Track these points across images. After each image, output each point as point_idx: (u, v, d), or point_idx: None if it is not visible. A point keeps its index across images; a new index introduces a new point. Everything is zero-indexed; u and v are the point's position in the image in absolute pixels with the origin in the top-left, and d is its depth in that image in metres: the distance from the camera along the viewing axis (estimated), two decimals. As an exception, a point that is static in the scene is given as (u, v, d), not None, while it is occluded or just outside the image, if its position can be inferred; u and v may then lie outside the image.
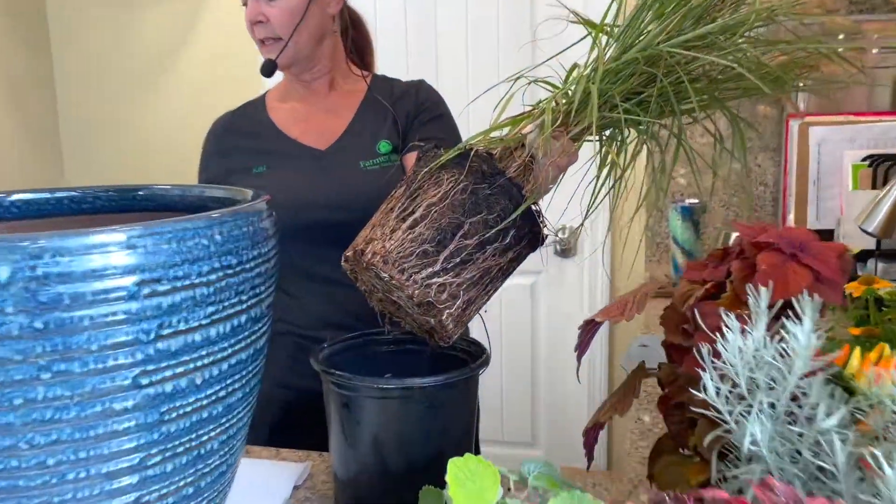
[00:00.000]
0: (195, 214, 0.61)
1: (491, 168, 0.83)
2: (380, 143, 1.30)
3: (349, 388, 0.82)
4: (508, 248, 0.83)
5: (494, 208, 0.82)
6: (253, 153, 1.33)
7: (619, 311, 0.65)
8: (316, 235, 1.24)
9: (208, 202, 0.85)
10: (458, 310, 0.81)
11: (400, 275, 0.79)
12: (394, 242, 0.81)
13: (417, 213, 0.81)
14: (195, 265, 0.60)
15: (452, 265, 0.80)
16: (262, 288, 0.69)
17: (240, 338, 0.67)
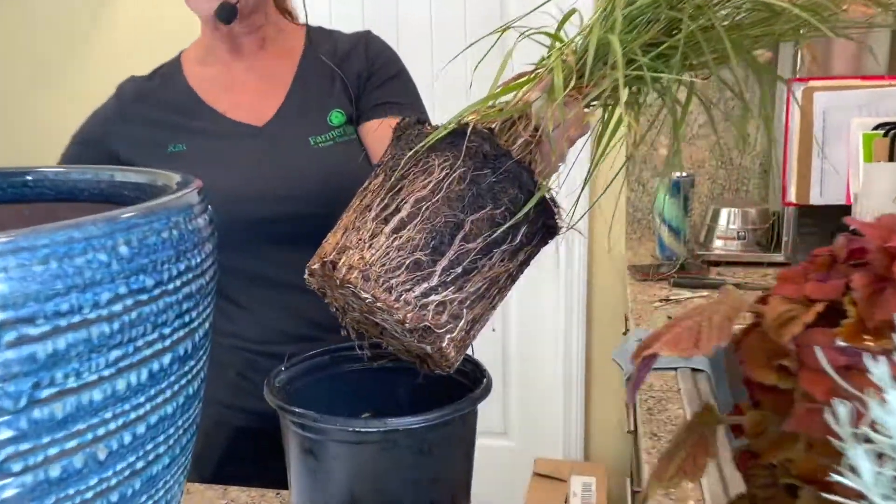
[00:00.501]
0: (88, 217, 0.42)
1: (494, 148, 0.65)
2: (331, 113, 1.07)
3: (315, 430, 0.63)
4: (519, 248, 0.66)
5: (501, 200, 0.64)
6: (167, 127, 1.08)
7: (692, 343, 0.47)
8: (259, 234, 1.02)
9: (124, 189, 0.66)
10: (460, 332, 0.64)
11: (387, 294, 0.61)
12: (375, 252, 0.63)
13: (403, 211, 0.63)
14: (89, 293, 0.41)
15: (453, 277, 0.62)
16: (194, 314, 0.50)
17: (163, 386, 0.48)
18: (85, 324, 0.41)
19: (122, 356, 0.43)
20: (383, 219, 0.63)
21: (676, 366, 1.22)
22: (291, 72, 1.11)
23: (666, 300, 1.60)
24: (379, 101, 1.07)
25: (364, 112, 1.08)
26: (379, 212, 0.64)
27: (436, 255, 0.62)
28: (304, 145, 1.04)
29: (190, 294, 0.49)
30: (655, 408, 1.08)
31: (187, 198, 0.50)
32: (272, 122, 1.07)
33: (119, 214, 0.43)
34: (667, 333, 0.52)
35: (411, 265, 0.62)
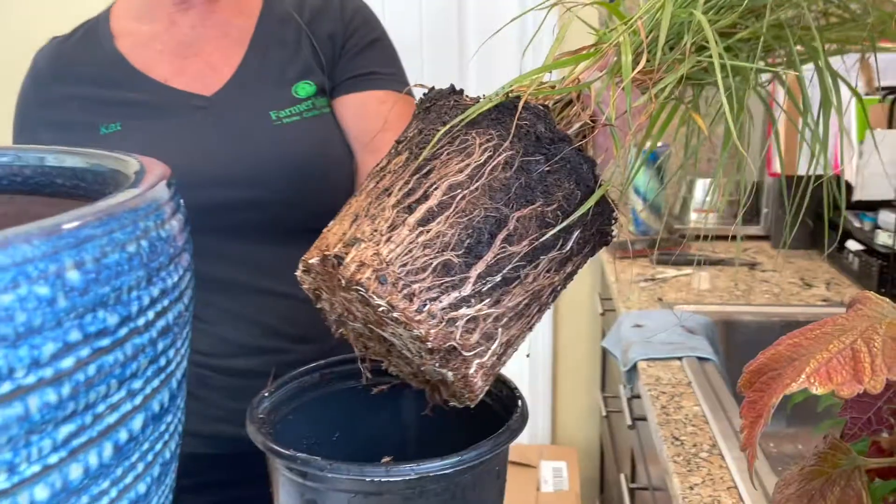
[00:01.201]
0: (15, 231, 0.27)
1: (550, 130, 0.52)
2: (297, 83, 0.89)
3: (319, 479, 0.50)
4: (569, 257, 0.53)
5: (554, 195, 0.52)
6: (96, 104, 0.89)
7: (851, 375, 0.36)
8: (209, 226, 0.84)
9: (57, 178, 0.51)
10: (492, 357, 0.51)
11: (406, 303, 0.48)
12: (395, 248, 0.50)
13: (433, 199, 0.50)
14: (23, 347, 0.27)
15: (490, 287, 0.50)
16: (171, 353, 0.36)
17: (133, 460, 0.34)
18: (18, 394, 0.27)
19: (77, 431, 0.30)
20: (407, 206, 0.50)
21: (681, 354, 1.12)
22: (248, 32, 0.92)
23: (652, 279, 1.51)
24: (359, 72, 0.90)
25: (341, 83, 0.91)
26: (402, 197, 0.51)
27: (471, 258, 0.49)
28: (262, 120, 0.87)
29: (166, 328, 0.35)
30: (670, 405, 0.98)
31: (156, 192, 0.36)
32: (223, 92, 0.88)
33: (63, 223, 0.29)
34: (798, 361, 0.40)
35: (439, 268, 0.49)
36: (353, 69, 0.91)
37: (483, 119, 0.53)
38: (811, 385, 0.36)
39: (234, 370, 0.88)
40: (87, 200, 0.51)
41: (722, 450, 0.86)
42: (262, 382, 0.62)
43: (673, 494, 0.80)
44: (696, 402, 0.98)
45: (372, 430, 0.66)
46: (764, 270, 1.60)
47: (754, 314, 1.36)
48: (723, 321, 1.34)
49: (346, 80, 0.91)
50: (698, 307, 1.37)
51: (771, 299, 1.42)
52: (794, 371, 0.40)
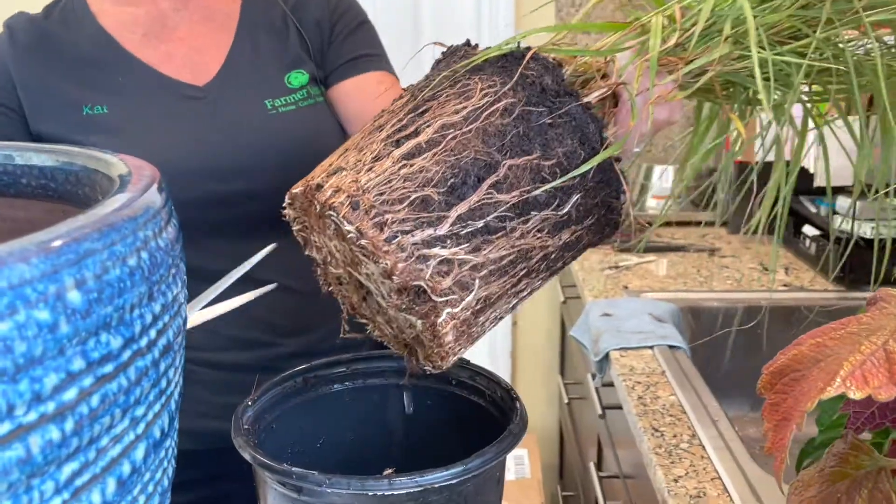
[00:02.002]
0: (8, 248, 0.24)
1: (557, 83, 0.51)
2: (290, 71, 0.87)
3: (315, 494, 0.47)
4: (566, 222, 0.51)
5: (553, 149, 0.49)
6: (79, 82, 0.83)
7: (887, 377, 0.35)
8: (203, 219, 0.82)
9: (22, 177, 0.47)
10: (466, 311, 0.48)
11: (376, 231, 0.46)
12: (375, 176, 0.47)
13: (423, 135, 0.49)
14: (23, 381, 0.24)
15: (470, 231, 0.47)
16: (171, 373, 0.33)
17: (135, 493, 0.31)
18: (18, 434, 0.24)
19: (80, 469, 0.27)
20: (395, 140, 0.48)
21: (652, 343, 1.12)
22: (234, 17, 0.89)
23: (615, 267, 1.51)
24: (352, 56, 0.88)
25: (335, 70, 0.89)
26: (392, 132, 0.49)
27: (453, 197, 0.47)
28: (258, 110, 0.84)
29: (167, 346, 0.32)
30: (646, 395, 0.97)
31: (151, 196, 0.33)
32: (216, 81, 0.85)
33: (61, 238, 0.26)
34: (824, 362, 0.39)
35: (417, 202, 0.46)
36: (345, 53, 0.89)
37: (489, 66, 0.51)
38: (848, 389, 0.35)
39: (222, 364, 0.86)
40: (58, 202, 0.47)
41: (702, 440, 0.86)
42: (247, 377, 0.60)
43: (657, 487, 0.80)
44: (672, 392, 0.98)
45: (356, 434, 0.63)
46: (723, 256, 1.61)
47: (719, 300, 1.37)
48: (688, 307, 1.35)
49: (341, 66, 0.88)
50: (663, 294, 1.38)
51: (733, 285, 1.43)
52: (820, 372, 0.39)
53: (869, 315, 0.40)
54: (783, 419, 0.40)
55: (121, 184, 0.35)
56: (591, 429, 1.54)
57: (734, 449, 0.84)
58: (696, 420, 0.91)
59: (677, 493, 0.76)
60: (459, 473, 0.48)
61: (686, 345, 1.14)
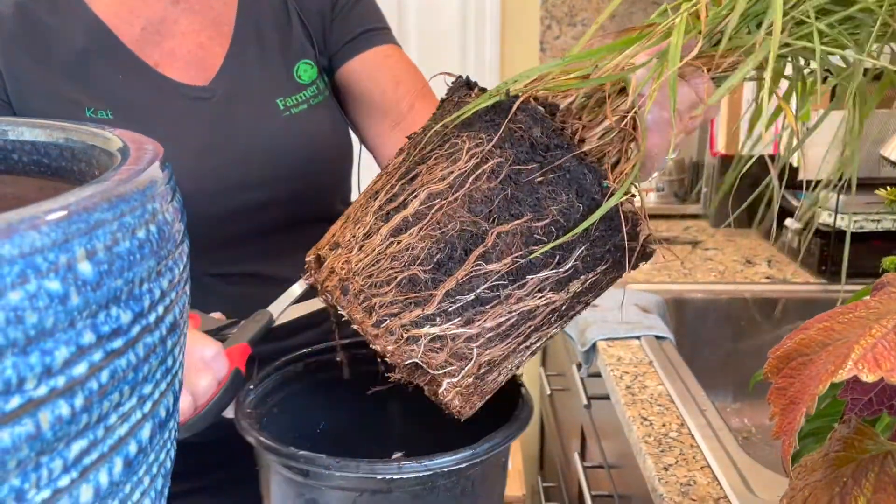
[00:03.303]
0: (18, 214, 0.23)
1: (546, 134, 0.48)
2: (297, 64, 0.80)
3: (323, 478, 0.47)
4: (572, 276, 0.49)
5: (546, 208, 0.47)
6: (79, 80, 0.75)
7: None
8: (220, 233, 0.76)
9: (14, 153, 0.45)
10: (467, 377, 0.48)
11: (364, 316, 0.46)
12: (364, 256, 0.47)
13: (411, 207, 0.47)
14: (34, 353, 0.23)
15: (459, 306, 0.47)
16: (176, 351, 0.32)
17: (140, 475, 0.30)
18: (28, 408, 0.23)
19: (89, 447, 0.26)
20: (385, 214, 0.47)
21: (639, 334, 1.12)
22: (233, 6, 0.82)
23: (600, 259, 1.51)
24: (356, 32, 0.83)
25: (339, 50, 0.83)
26: (384, 203, 0.48)
27: (440, 274, 0.46)
28: (269, 111, 0.77)
29: (174, 323, 0.31)
30: (634, 385, 0.97)
31: (156, 169, 0.32)
32: (220, 79, 0.78)
33: (72, 206, 0.25)
34: (832, 346, 0.39)
35: (404, 283, 0.46)
36: (348, 31, 0.84)
37: (477, 121, 0.48)
38: (860, 371, 0.35)
39: None
40: (51, 179, 0.45)
41: (691, 429, 0.86)
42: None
43: (647, 476, 0.80)
44: (660, 382, 0.98)
45: (355, 420, 0.63)
46: (707, 249, 1.62)
47: (703, 292, 1.37)
48: (672, 299, 1.35)
49: (346, 45, 0.83)
50: (648, 286, 1.38)
51: (717, 277, 1.44)
52: (829, 356, 0.38)
53: (876, 299, 0.40)
54: (791, 403, 0.40)
55: (122, 157, 0.34)
56: (574, 420, 1.55)
57: (723, 437, 0.85)
58: (685, 409, 0.91)
59: (667, 482, 0.76)
60: (468, 458, 0.47)
61: (672, 335, 1.14)
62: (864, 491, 0.39)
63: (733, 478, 0.76)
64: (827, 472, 0.42)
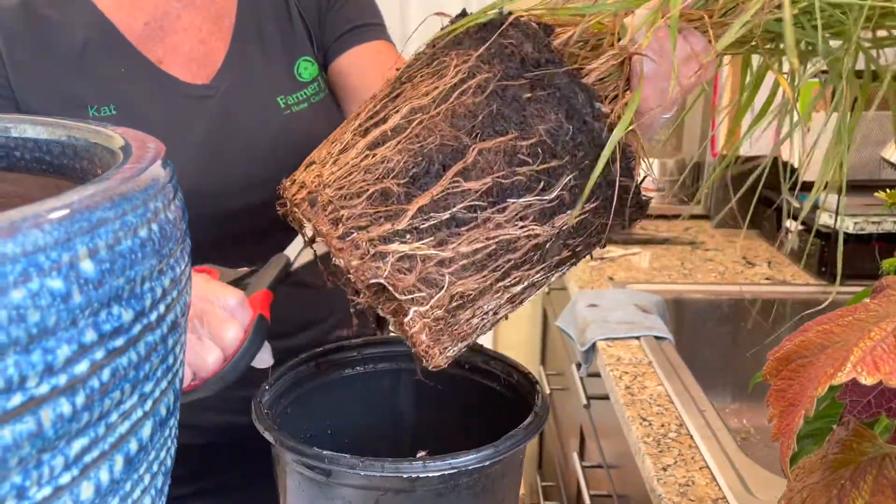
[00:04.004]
0: (20, 213, 0.23)
1: (538, 49, 0.46)
2: (298, 61, 0.80)
3: (346, 477, 0.47)
4: (558, 207, 0.46)
5: (533, 126, 0.45)
6: (79, 75, 0.74)
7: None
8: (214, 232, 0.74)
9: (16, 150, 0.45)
10: (437, 309, 0.45)
11: (331, 228, 0.44)
12: (337, 169, 0.45)
13: (391, 121, 0.45)
14: (36, 352, 0.23)
15: (433, 224, 0.44)
16: (177, 349, 0.33)
17: (140, 472, 0.30)
18: (30, 406, 0.23)
19: (90, 445, 0.26)
20: (364, 129, 0.46)
21: (638, 334, 1.12)
22: (232, 2, 0.81)
23: (600, 258, 1.51)
24: (349, 26, 0.82)
25: (331, 46, 0.83)
26: (364, 120, 0.46)
27: (414, 189, 0.44)
28: (271, 109, 0.77)
29: (175, 322, 0.31)
30: (634, 385, 0.97)
31: (158, 168, 0.32)
32: (222, 77, 0.78)
33: (72, 204, 0.25)
34: (831, 349, 0.39)
35: (376, 195, 0.44)
36: (341, 25, 0.83)
37: (468, 38, 0.47)
38: (859, 374, 0.35)
39: None
40: (53, 176, 0.46)
41: (690, 429, 0.86)
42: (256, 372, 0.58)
43: (646, 476, 0.80)
44: (659, 382, 0.98)
45: (367, 419, 0.63)
46: (707, 249, 1.62)
47: (703, 293, 1.38)
48: (672, 299, 1.35)
49: (338, 39, 0.83)
50: (648, 286, 1.38)
51: (717, 278, 1.44)
52: (828, 359, 0.39)
53: (876, 302, 0.40)
54: (790, 405, 0.40)
55: (125, 156, 0.34)
56: (573, 419, 1.55)
57: (721, 438, 0.85)
58: (684, 410, 0.91)
59: (666, 482, 0.77)
60: (490, 456, 0.47)
61: (671, 336, 1.14)
62: (862, 493, 0.39)
63: (732, 478, 0.77)
64: (825, 474, 0.42)
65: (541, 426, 0.52)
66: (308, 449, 0.47)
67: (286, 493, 0.51)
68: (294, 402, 0.58)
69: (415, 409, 0.62)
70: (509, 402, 0.57)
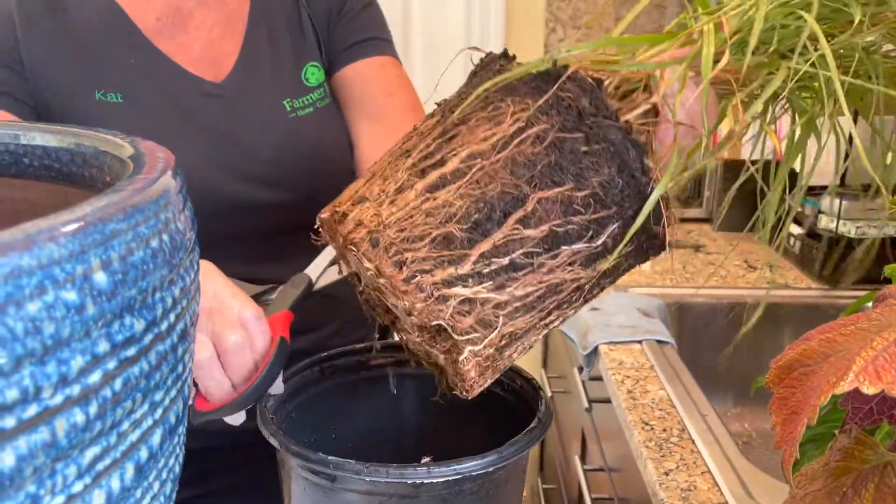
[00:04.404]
0: (35, 225, 0.24)
1: (596, 106, 0.48)
2: (305, 66, 0.81)
3: (351, 482, 0.47)
4: (602, 253, 0.49)
5: (588, 179, 0.47)
6: (91, 61, 0.74)
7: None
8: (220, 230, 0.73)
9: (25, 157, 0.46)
10: (489, 348, 0.47)
11: (394, 270, 0.45)
12: (396, 211, 0.46)
13: (449, 165, 0.47)
14: (51, 363, 0.23)
15: (494, 269, 0.46)
16: (186, 357, 0.33)
17: (150, 480, 0.31)
18: (44, 417, 0.23)
19: (102, 453, 0.26)
20: (420, 170, 0.47)
21: (640, 338, 1.13)
22: (245, 4, 0.82)
23: (602, 262, 1.51)
24: (357, 38, 0.84)
25: (340, 54, 0.84)
26: (418, 160, 0.47)
27: (476, 234, 0.46)
28: (278, 112, 0.78)
29: (185, 331, 0.31)
30: (636, 389, 0.98)
31: (168, 178, 0.32)
32: (233, 78, 0.79)
33: (85, 216, 0.25)
34: (833, 357, 0.39)
35: (439, 239, 0.45)
36: (350, 36, 0.84)
37: (523, 86, 0.48)
38: (861, 384, 0.35)
39: None
40: (62, 183, 0.46)
41: (692, 434, 0.87)
42: None
43: (648, 480, 0.80)
44: (661, 387, 0.99)
45: (370, 424, 0.63)
46: (709, 253, 1.62)
47: (705, 296, 1.38)
48: (674, 303, 1.36)
49: (346, 50, 0.84)
50: (650, 290, 1.38)
51: (719, 282, 1.44)
52: (830, 368, 0.39)
53: (878, 311, 0.41)
54: (792, 413, 0.40)
55: (136, 166, 0.35)
56: (574, 422, 1.55)
57: (723, 443, 0.85)
58: (686, 414, 0.91)
59: (668, 487, 0.77)
60: (494, 461, 0.48)
61: (673, 340, 1.14)
62: (863, 501, 0.39)
63: (734, 483, 0.77)
64: (827, 482, 0.42)
65: (544, 432, 0.52)
66: (313, 454, 0.47)
67: (291, 497, 0.52)
68: (299, 407, 0.59)
69: (418, 414, 0.62)
70: (512, 407, 0.58)
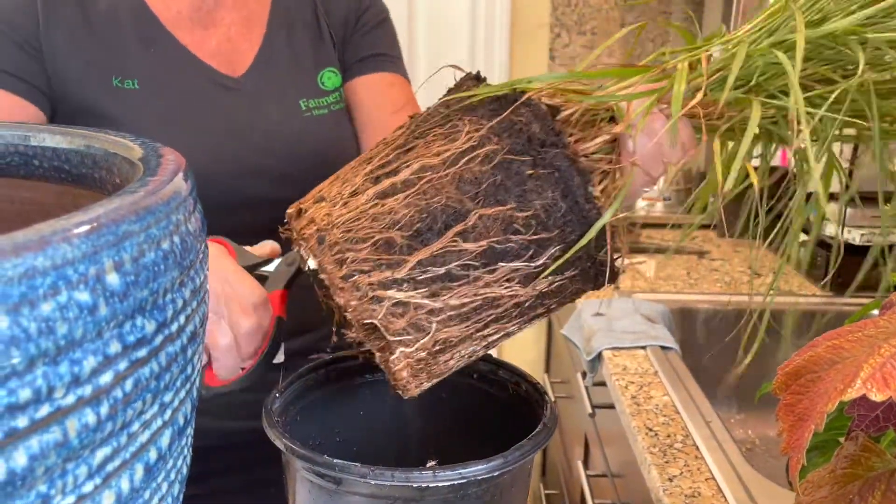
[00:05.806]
0: (49, 227, 0.24)
1: (545, 131, 0.49)
2: (323, 71, 0.82)
3: (356, 485, 0.48)
4: (539, 274, 0.50)
5: (530, 201, 0.49)
6: (111, 48, 0.75)
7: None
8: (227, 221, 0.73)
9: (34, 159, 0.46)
10: (421, 351, 0.49)
11: (335, 268, 0.48)
12: (347, 212, 0.49)
13: (402, 174, 0.49)
14: (64, 363, 0.24)
15: (428, 277, 0.48)
16: (195, 359, 0.33)
17: (159, 481, 0.31)
18: (56, 417, 0.23)
19: (112, 454, 0.26)
20: (375, 177, 0.50)
21: (644, 343, 1.13)
22: (266, 5, 0.84)
23: (606, 267, 1.51)
24: (370, 52, 0.86)
25: (352, 65, 0.85)
26: (376, 167, 0.50)
27: (416, 242, 0.48)
28: (293, 109, 0.80)
29: (194, 332, 0.32)
30: (640, 395, 0.98)
31: (178, 181, 0.32)
32: (251, 74, 0.80)
33: (98, 217, 0.25)
34: (841, 364, 0.39)
35: (381, 243, 0.48)
36: (363, 49, 0.86)
37: (482, 108, 0.51)
38: (868, 391, 0.35)
39: None
40: (70, 185, 0.46)
41: (696, 440, 0.87)
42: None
43: (652, 486, 0.80)
44: (665, 392, 0.99)
45: (374, 427, 0.63)
46: (713, 259, 1.62)
47: (709, 302, 1.38)
48: (678, 309, 1.36)
49: (358, 62, 0.86)
50: (654, 295, 1.38)
51: (723, 288, 1.44)
52: (837, 374, 0.39)
53: (885, 318, 0.41)
54: (799, 419, 0.40)
55: (147, 168, 0.35)
56: (578, 427, 1.55)
57: (727, 449, 0.85)
58: (690, 420, 0.91)
59: (672, 493, 0.77)
60: (499, 466, 0.48)
61: (677, 346, 1.14)
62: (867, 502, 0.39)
63: (737, 490, 0.77)
64: (833, 489, 0.42)
65: (549, 437, 0.52)
66: (319, 457, 0.48)
67: (296, 499, 0.52)
68: (303, 410, 0.59)
69: (422, 418, 0.62)
70: (516, 412, 0.58)
